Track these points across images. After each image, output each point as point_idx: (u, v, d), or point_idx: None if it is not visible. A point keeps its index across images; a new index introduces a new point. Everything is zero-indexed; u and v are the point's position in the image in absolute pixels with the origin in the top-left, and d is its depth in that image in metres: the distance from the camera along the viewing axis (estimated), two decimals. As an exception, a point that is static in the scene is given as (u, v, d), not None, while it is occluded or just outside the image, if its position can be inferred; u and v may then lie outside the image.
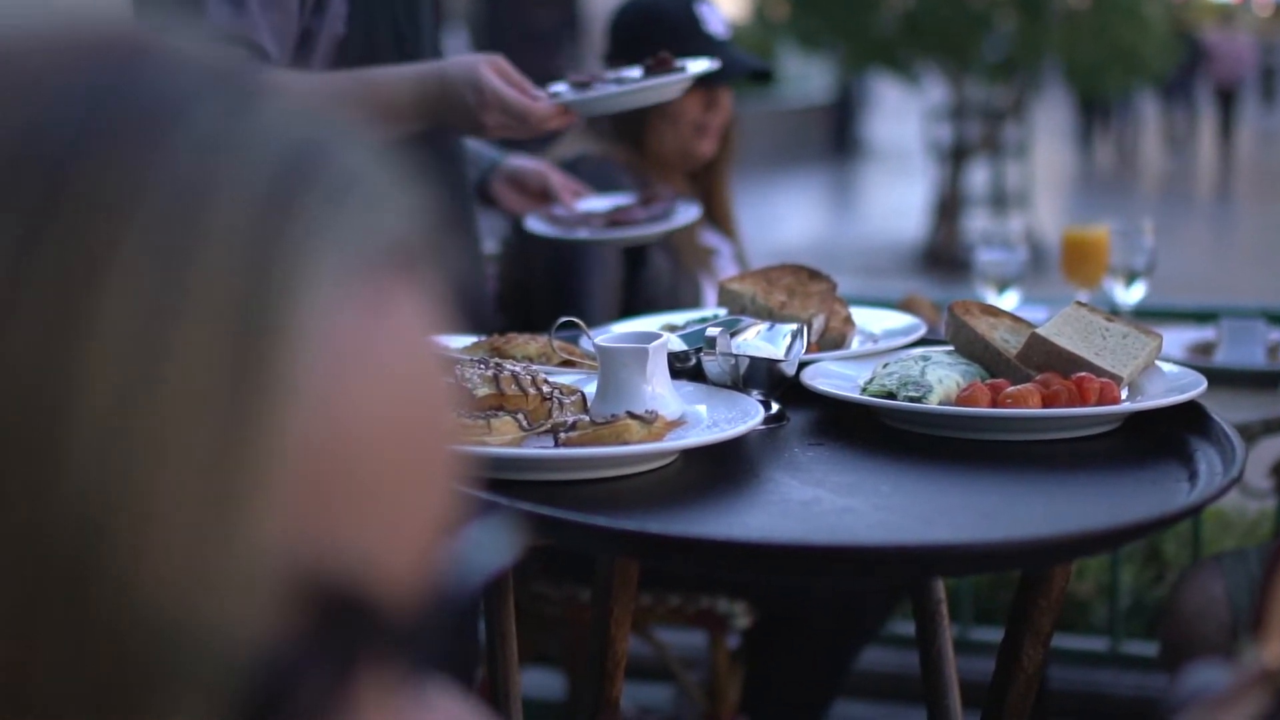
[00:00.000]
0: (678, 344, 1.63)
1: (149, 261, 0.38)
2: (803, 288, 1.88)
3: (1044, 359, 1.63)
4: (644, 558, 1.67)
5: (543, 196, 2.42)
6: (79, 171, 0.38)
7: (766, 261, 2.04)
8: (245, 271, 0.39)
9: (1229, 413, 1.60)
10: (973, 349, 1.69)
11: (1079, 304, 1.71)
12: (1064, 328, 1.66)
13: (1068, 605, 3.30)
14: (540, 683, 3.04)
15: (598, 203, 2.40)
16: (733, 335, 1.60)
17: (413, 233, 0.43)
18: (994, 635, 1.56)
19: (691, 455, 1.46)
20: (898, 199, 14.81)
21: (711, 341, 1.60)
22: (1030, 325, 1.71)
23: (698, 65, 2.10)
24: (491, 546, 0.49)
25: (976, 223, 10.55)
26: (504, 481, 1.36)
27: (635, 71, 2.14)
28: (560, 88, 2.08)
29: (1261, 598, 0.80)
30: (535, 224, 2.33)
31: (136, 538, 0.37)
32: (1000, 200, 12.13)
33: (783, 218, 13.83)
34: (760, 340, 1.61)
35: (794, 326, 1.63)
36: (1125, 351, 1.64)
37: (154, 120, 0.40)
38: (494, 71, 1.92)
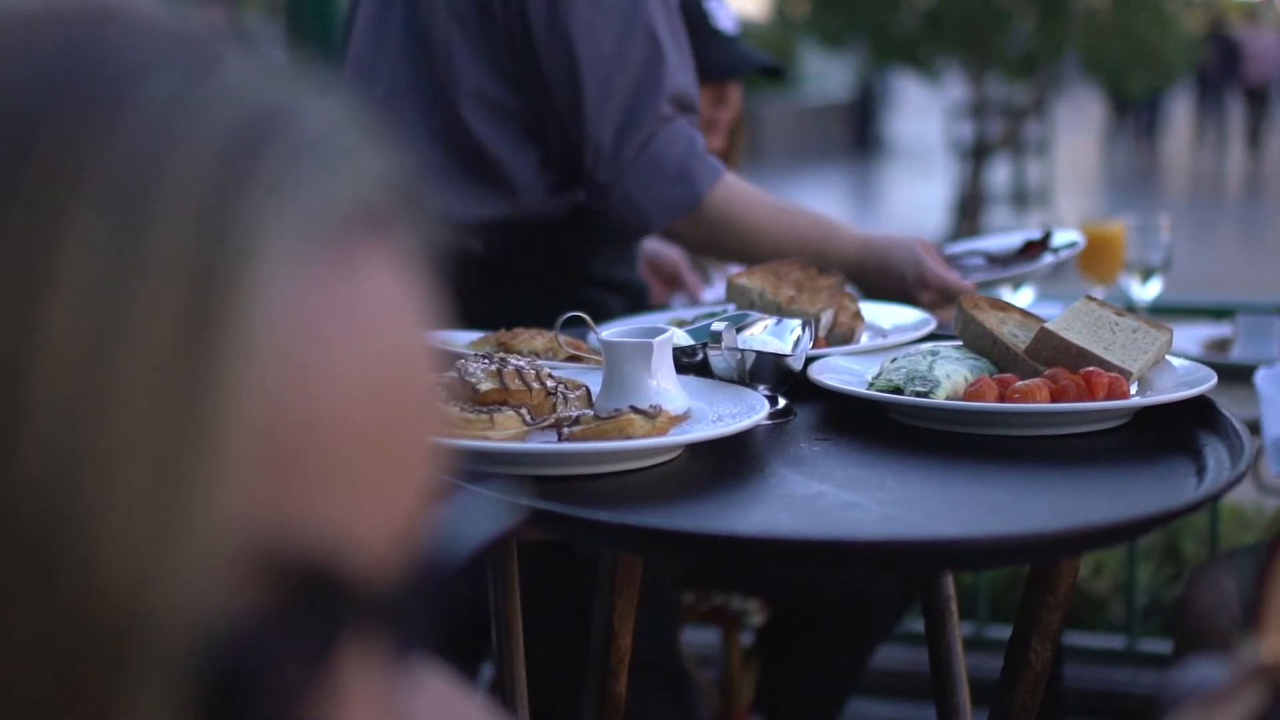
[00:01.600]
0: (684, 339, 1.62)
1: (105, 227, 0.38)
2: (811, 282, 1.87)
3: (1053, 354, 1.62)
4: (647, 552, 1.66)
5: (672, 280, 2.70)
6: (38, 137, 0.38)
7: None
8: (200, 236, 0.38)
9: (1244, 409, 1.59)
10: (981, 344, 1.67)
11: (1089, 299, 1.70)
12: (1073, 322, 1.65)
13: (1085, 603, 3.28)
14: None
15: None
16: (739, 330, 1.59)
17: (385, 196, 0.42)
18: (1009, 633, 1.55)
19: (696, 450, 1.45)
20: (919, 196, 14.77)
21: (718, 336, 1.60)
22: (1039, 320, 1.70)
23: (1070, 238, 2.20)
24: (479, 518, 0.47)
25: (998, 220, 10.51)
26: (507, 476, 1.36)
27: (1002, 242, 2.26)
28: None
29: (1258, 591, 0.79)
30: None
31: (96, 507, 0.37)
32: (1021, 198, 12.10)
33: (804, 216, 13.78)
34: (767, 335, 1.60)
35: (801, 321, 1.62)
36: (1135, 346, 1.63)
37: (114, 85, 0.39)
38: (926, 253, 2.04)
